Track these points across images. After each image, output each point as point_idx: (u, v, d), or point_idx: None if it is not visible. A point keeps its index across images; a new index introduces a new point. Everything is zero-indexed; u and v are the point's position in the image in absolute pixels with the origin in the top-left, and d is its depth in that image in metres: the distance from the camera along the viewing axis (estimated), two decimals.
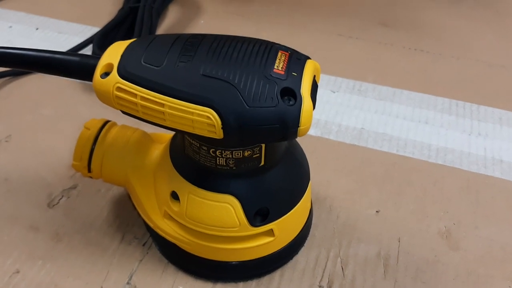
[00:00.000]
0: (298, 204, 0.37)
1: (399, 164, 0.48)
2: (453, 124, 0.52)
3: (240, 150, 0.33)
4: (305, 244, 0.40)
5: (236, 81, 0.30)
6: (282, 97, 0.30)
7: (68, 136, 0.47)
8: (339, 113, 0.53)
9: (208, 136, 0.31)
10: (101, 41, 0.57)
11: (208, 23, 0.67)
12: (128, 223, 0.41)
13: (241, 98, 0.30)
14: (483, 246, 0.41)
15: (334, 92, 0.56)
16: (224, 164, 0.34)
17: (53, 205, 0.43)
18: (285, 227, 0.37)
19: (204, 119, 0.30)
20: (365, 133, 0.51)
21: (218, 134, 0.30)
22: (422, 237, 0.41)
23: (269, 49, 0.32)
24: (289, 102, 0.30)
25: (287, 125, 0.30)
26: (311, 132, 0.51)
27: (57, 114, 0.52)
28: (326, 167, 0.47)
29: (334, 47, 0.63)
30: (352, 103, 0.54)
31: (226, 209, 0.34)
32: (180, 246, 0.37)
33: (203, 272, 0.38)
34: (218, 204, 0.34)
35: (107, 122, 0.40)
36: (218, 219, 0.35)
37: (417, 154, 0.49)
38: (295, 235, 0.38)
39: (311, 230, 0.42)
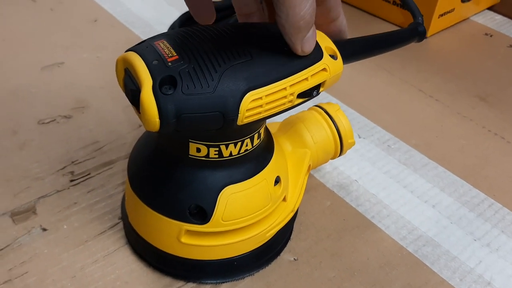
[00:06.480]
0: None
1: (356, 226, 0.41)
2: (465, 221, 0.42)
3: None
4: None
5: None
6: None
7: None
8: (351, 161, 0.47)
9: None
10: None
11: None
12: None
13: None
14: None
15: (359, 137, 0.50)
16: None
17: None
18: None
19: None
20: (379, 210, 0.45)
21: None
22: None
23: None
24: None
25: None
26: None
27: None
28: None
29: (404, 99, 0.56)
30: (369, 154, 0.48)
31: None
32: None
33: None
34: None
35: None
36: None
37: (391, 229, 0.41)
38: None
39: None
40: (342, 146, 0.41)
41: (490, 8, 0.76)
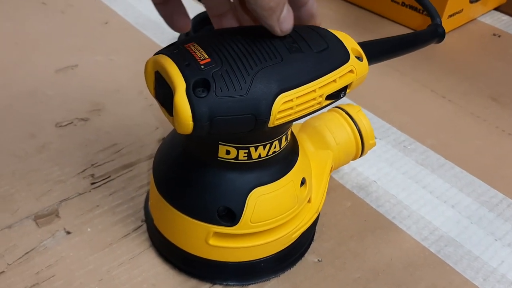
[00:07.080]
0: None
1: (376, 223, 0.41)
2: (485, 221, 0.43)
3: None
4: None
5: None
6: None
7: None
8: (369, 162, 0.48)
9: None
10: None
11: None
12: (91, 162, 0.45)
13: None
14: None
15: (376, 138, 0.50)
16: None
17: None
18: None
19: None
20: (399, 210, 0.45)
21: None
22: None
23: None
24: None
25: None
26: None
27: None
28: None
29: (418, 100, 0.56)
30: (386, 155, 0.48)
31: None
32: None
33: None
34: None
35: None
36: None
37: (413, 230, 0.41)
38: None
39: None
40: (363, 147, 0.42)
41: (497, 9, 0.77)
